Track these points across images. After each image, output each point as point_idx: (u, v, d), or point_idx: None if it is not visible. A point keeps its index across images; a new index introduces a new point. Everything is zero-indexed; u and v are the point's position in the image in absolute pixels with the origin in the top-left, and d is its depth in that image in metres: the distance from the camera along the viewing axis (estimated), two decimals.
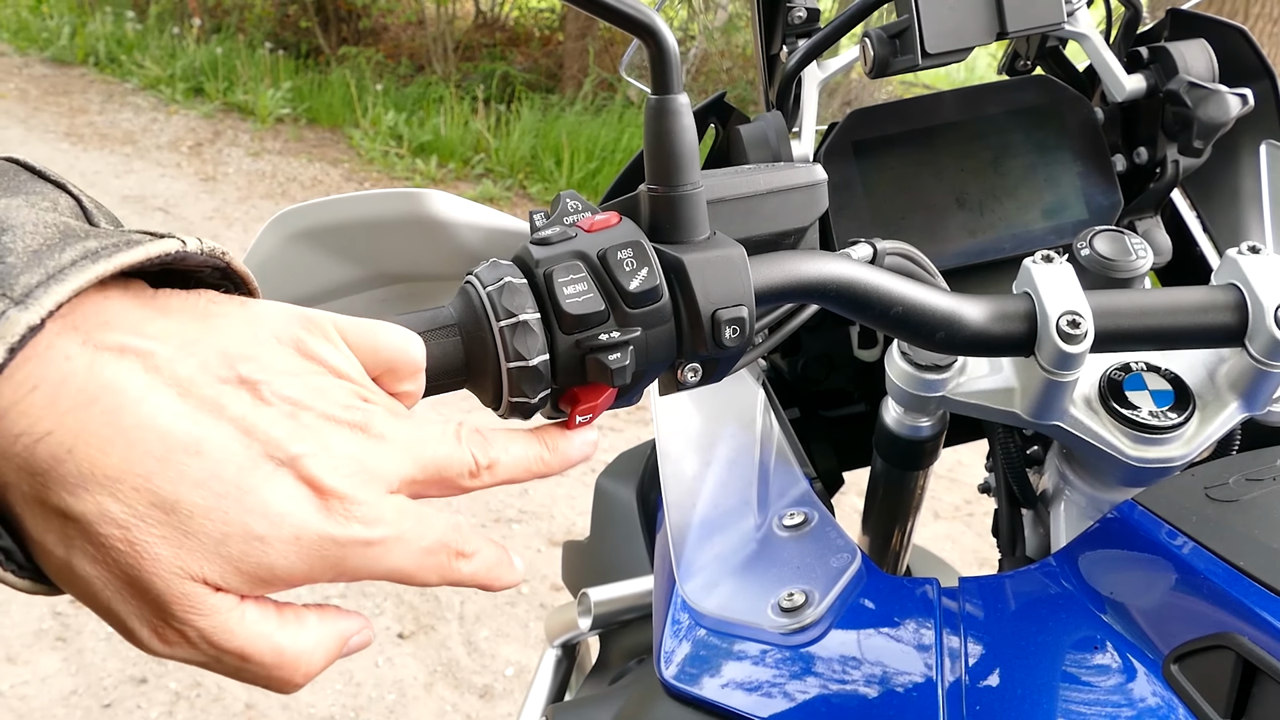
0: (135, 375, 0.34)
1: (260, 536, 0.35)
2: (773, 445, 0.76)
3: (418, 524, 0.40)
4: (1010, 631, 0.58)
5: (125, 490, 0.33)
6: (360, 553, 0.38)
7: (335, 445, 0.38)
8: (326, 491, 0.37)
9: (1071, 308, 0.59)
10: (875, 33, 0.73)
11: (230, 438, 0.35)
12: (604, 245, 0.48)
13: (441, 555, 0.42)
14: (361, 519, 0.38)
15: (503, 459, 0.45)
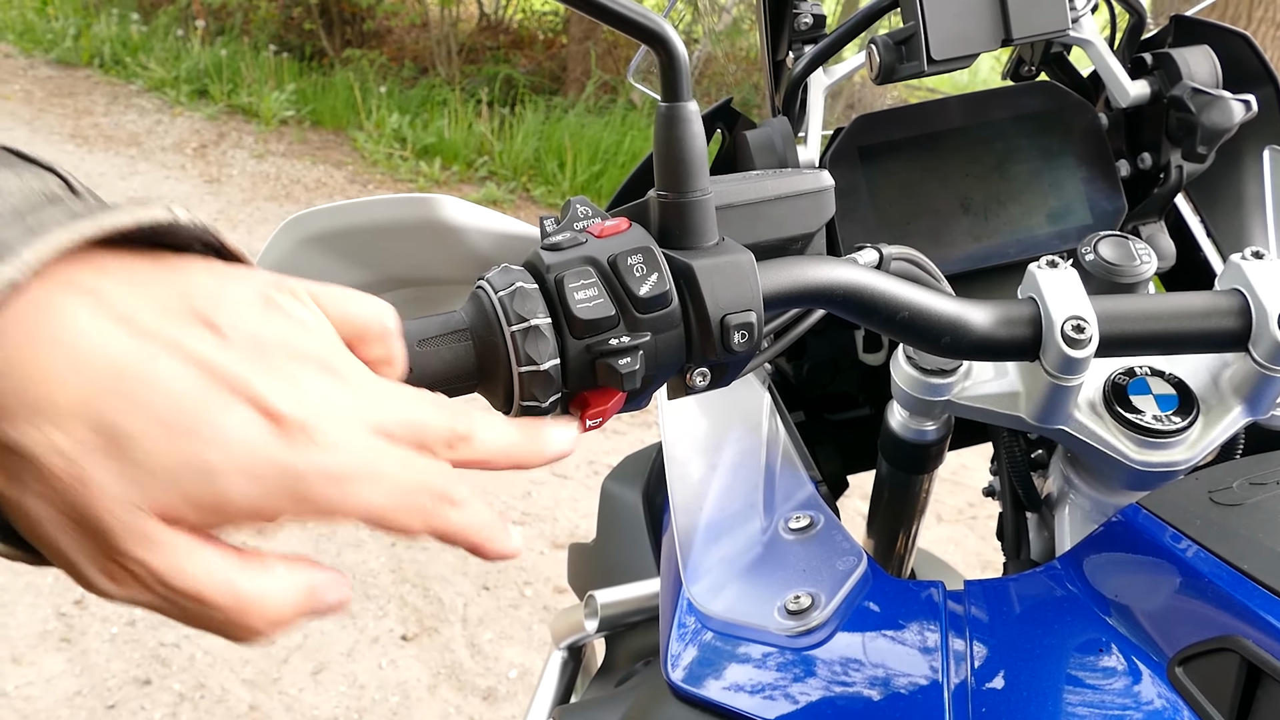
0: (85, 308, 0.33)
1: (214, 467, 0.34)
2: (778, 449, 0.77)
3: (399, 463, 0.38)
4: (1015, 634, 0.58)
5: (71, 421, 0.32)
6: (325, 485, 0.36)
7: (303, 381, 0.37)
8: (288, 421, 0.35)
9: (1076, 313, 0.59)
10: (881, 39, 0.74)
11: (185, 370, 0.34)
12: (614, 251, 0.48)
13: (425, 498, 0.39)
14: (325, 447, 0.36)
15: (481, 435, 0.42)
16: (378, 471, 0.38)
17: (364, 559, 2.53)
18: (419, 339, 0.47)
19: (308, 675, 2.19)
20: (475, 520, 0.41)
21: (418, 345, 0.47)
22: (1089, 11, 0.81)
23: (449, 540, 0.41)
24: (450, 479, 0.41)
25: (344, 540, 2.59)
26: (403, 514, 0.39)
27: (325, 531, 2.61)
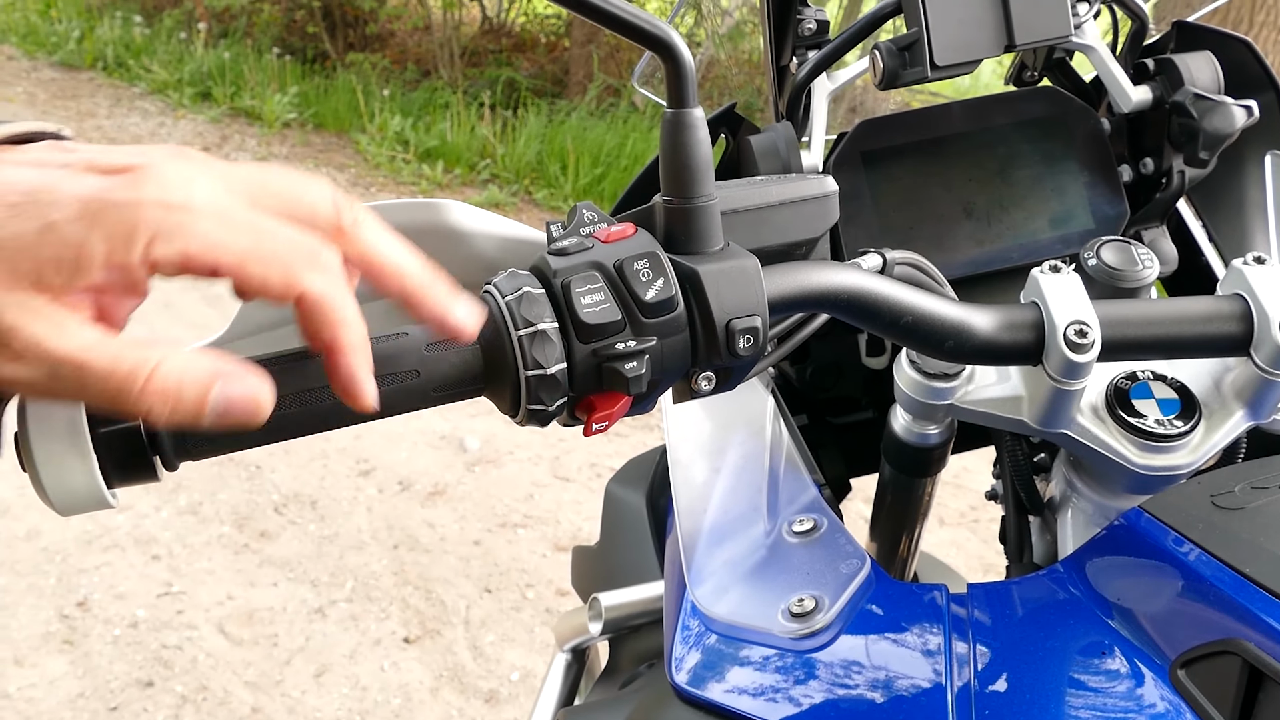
0: None
1: (50, 223, 0.36)
2: (782, 452, 0.77)
3: (260, 219, 0.39)
4: (1018, 637, 0.58)
5: None
6: (163, 216, 0.37)
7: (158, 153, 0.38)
8: (131, 167, 0.38)
9: (1079, 317, 0.59)
10: (885, 45, 0.74)
11: (30, 168, 0.37)
12: (620, 256, 0.49)
13: (289, 253, 0.39)
14: (158, 181, 0.37)
15: (370, 227, 0.42)
16: (228, 215, 0.38)
17: (366, 561, 2.53)
18: (426, 343, 0.48)
19: (310, 677, 2.19)
20: (340, 297, 0.40)
21: (425, 349, 0.48)
22: (1091, 17, 0.81)
23: (309, 319, 0.40)
24: (325, 247, 0.40)
25: (346, 543, 2.59)
26: (256, 264, 0.38)
27: (327, 535, 2.62)
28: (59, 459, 0.42)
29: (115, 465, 0.43)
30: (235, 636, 2.29)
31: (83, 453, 0.42)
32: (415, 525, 2.68)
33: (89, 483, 0.42)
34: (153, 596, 2.38)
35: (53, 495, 0.42)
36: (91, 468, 0.42)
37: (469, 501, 2.79)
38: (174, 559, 2.50)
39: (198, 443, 0.44)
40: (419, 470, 2.89)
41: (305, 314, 0.40)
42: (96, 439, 0.42)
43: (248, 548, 2.56)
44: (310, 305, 0.40)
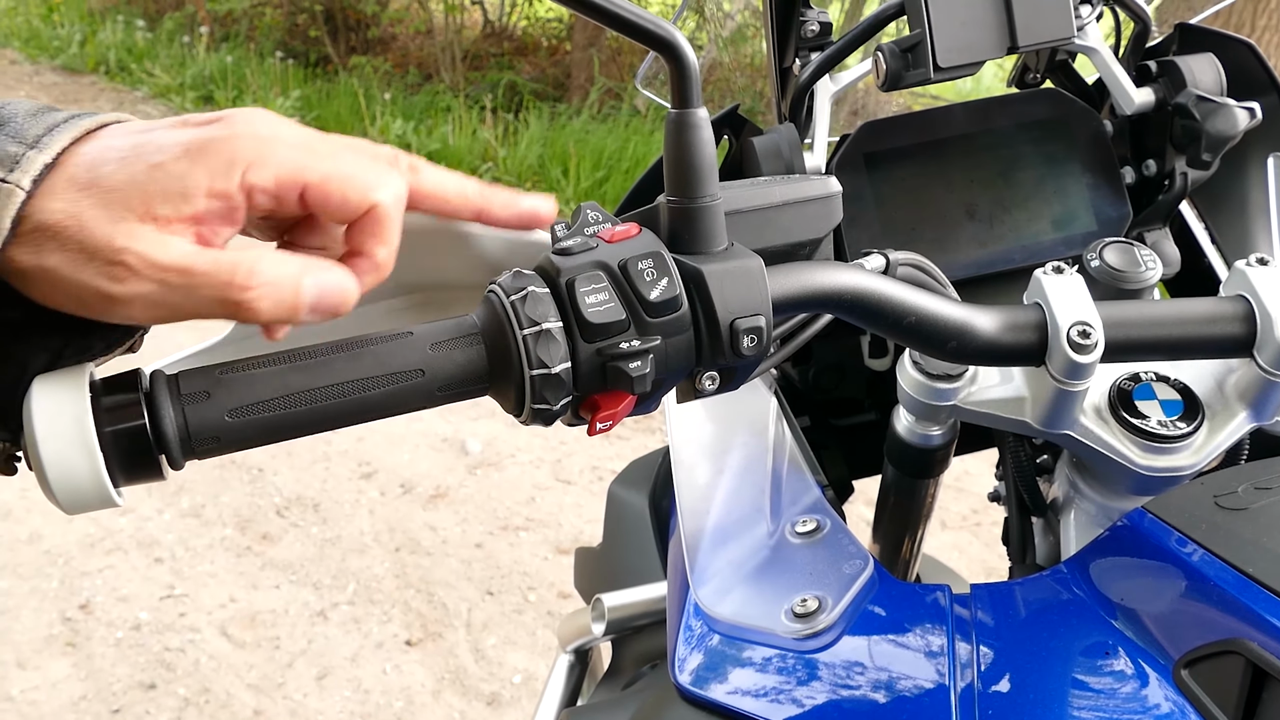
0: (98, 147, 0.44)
1: (157, 164, 0.42)
2: (785, 453, 0.77)
3: (345, 148, 0.45)
4: (1022, 638, 0.58)
5: (66, 192, 0.41)
6: (257, 146, 0.43)
7: (240, 109, 0.45)
8: (214, 119, 0.44)
9: (1082, 318, 0.59)
10: (888, 47, 0.74)
11: (128, 135, 0.43)
12: (625, 256, 0.49)
13: (367, 175, 0.45)
14: (248, 122, 0.43)
15: (426, 167, 0.49)
16: (312, 144, 0.44)
17: (368, 564, 2.53)
18: (431, 342, 0.48)
19: (312, 680, 2.19)
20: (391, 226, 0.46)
21: (430, 348, 0.48)
22: (1094, 20, 0.81)
23: (365, 229, 0.46)
24: (394, 172, 0.46)
25: (348, 546, 2.59)
26: (339, 182, 0.44)
27: (329, 538, 2.62)
28: (66, 457, 0.42)
29: (121, 464, 0.43)
30: (237, 639, 2.29)
31: (89, 451, 0.42)
32: (417, 528, 2.68)
33: (95, 481, 0.42)
34: (155, 599, 2.38)
35: (59, 494, 0.43)
36: (98, 466, 0.42)
37: (471, 504, 2.79)
38: (176, 562, 2.50)
39: (203, 441, 0.45)
40: (421, 473, 2.90)
41: (366, 223, 0.46)
42: (103, 437, 0.43)
43: (250, 550, 2.56)
44: (374, 217, 0.46)
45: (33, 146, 0.42)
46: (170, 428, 0.44)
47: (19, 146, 0.41)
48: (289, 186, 0.43)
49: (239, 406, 0.45)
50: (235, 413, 0.44)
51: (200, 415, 0.44)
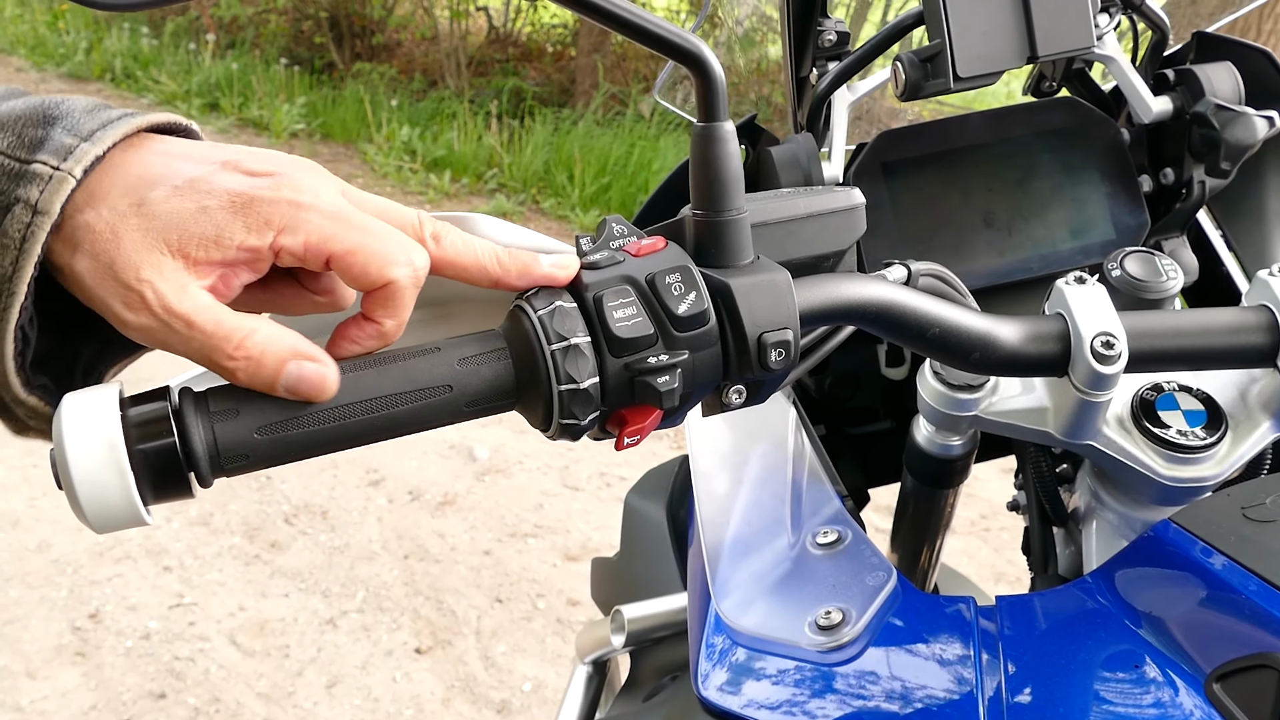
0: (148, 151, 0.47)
1: (204, 207, 0.45)
2: (804, 464, 0.77)
3: (376, 222, 0.47)
4: (1050, 650, 0.58)
5: (115, 201, 0.45)
6: (294, 213, 0.45)
7: (290, 163, 0.47)
8: (265, 173, 0.46)
9: (1106, 329, 0.59)
10: (907, 56, 0.74)
11: (192, 162, 0.46)
12: (652, 270, 0.49)
13: (387, 252, 0.47)
14: (292, 186, 0.46)
15: (448, 238, 0.50)
16: (344, 217, 0.46)
17: (377, 572, 2.53)
18: (459, 357, 0.48)
19: (322, 689, 2.19)
20: (404, 303, 0.48)
21: (457, 364, 0.48)
22: (1113, 29, 0.81)
23: (380, 302, 0.48)
24: (416, 249, 0.48)
25: (357, 554, 2.59)
26: (361, 257, 0.46)
27: (338, 546, 2.62)
28: (96, 476, 0.42)
29: (151, 482, 0.43)
30: (247, 648, 2.29)
31: (120, 470, 0.42)
32: (425, 535, 2.68)
33: (126, 500, 0.42)
34: (164, 608, 2.38)
35: (89, 513, 0.42)
36: (128, 485, 0.42)
37: (479, 511, 2.79)
38: (185, 570, 2.50)
39: (233, 459, 0.44)
40: (429, 480, 2.90)
41: (380, 296, 0.48)
42: (133, 456, 0.43)
43: (259, 559, 2.56)
44: (388, 292, 0.47)
45: (86, 139, 0.44)
46: (200, 446, 0.43)
47: (73, 139, 0.44)
48: (316, 254, 0.46)
49: (268, 424, 0.44)
50: (264, 430, 0.44)
51: (229, 433, 0.44)
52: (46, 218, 0.43)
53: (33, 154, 0.44)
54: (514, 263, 0.50)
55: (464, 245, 0.50)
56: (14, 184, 0.43)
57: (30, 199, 0.43)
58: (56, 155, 0.44)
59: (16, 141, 0.44)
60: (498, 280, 0.50)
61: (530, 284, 0.50)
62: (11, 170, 0.44)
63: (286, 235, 0.45)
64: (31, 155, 0.44)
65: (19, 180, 0.43)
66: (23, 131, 0.45)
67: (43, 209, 0.43)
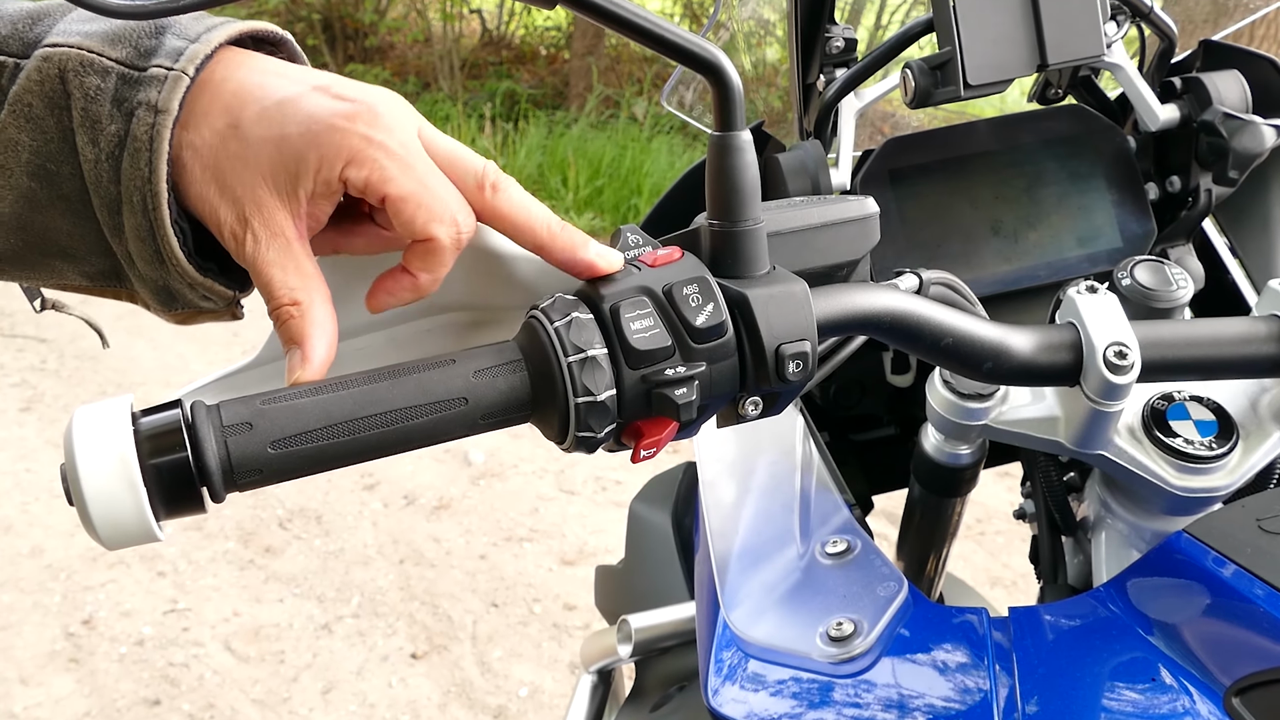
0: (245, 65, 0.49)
1: (284, 135, 0.47)
2: (813, 472, 0.77)
3: (436, 175, 0.48)
4: (1064, 661, 0.58)
5: (214, 119, 0.47)
6: (362, 148, 0.47)
7: (379, 95, 0.49)
8: (350, 98, 0.48)
9: (1118, 338, 0.59)
10: (917, 64, 0.74)
11: (284, 79, 0.48)
12: (669, 280, 0.48)
13: (437, 208, 0.48)
14: (369, 119, 0.47)
15: (506, 193, 0.50)
16: (409, 161, 0.48)
17: (372, 576, 2.52)
18: (474, 369, 0.47)
19: (318, 694, 2.18)
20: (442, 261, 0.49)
21: (473, 375, 0.47)
22: (1121, 38, 0.81)
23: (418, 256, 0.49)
24: (465, 211, 0.49)
25: (352, 559, 2.58)
26: (412, 206, 0.48)
27: (333, 550, 2.61)
28: (108, 492, 0.41)
29: (163, 497, 0.43)
30: (242, 653, 2.27)
31: (132, 485, 0.41)
32: (421, 540, 2.67)
33: (138, 516, 0.42)
34: (159, 614, 2.37)
35: (100, 529, 0.42)
36: (141, 500, 0.42)
37: (474, 515, 2.78)
38: (180, 576, 2.49)
39: (246, 473, 0.44)
40: (424, 484, 2.89)
41: (420, 248, 0.49)
42: (145, 471, 0.42)
43: (253, 564, 2.55)
44: (428, 247, 0.49)
45: (195, 41, 0.47)
46: (213, 460, 0.43)
47: (183, 42, 0.47)
48: (375, 190, 0.48)
49: (282, 438, 0.44)
50: (278, 444, 0.44)
51: (243, 447, 0.43)
52: (168, 115, 0.45)
53: (148, 61, 0.46)
54: (565, 237, 0.50)
55: (520, 202, 0.51)
56: (135, 90, 0.46)
57: (151, 100, 0.46)
58: (169, 58, 0.46)
59: (134, 52, 0.47)
60: (542, 246, 0.51)
61: (572, 263, 0.50)
62: (132, 78, 0.46)
63: (352, 168, 0.47)
64: (147, 62, 0.46)
65: (139, 86, 0.46)
66: (138, 42, 0.47)
67: (163, 107, 0.46)
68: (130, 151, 0.46)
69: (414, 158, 0.48)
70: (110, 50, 0.47)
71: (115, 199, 0.47)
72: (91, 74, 0.46)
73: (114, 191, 0.47)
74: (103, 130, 0.46)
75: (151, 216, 0.46)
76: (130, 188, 0.46)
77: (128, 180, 0.46)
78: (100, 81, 0.46)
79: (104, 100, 0.46)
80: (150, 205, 0.46)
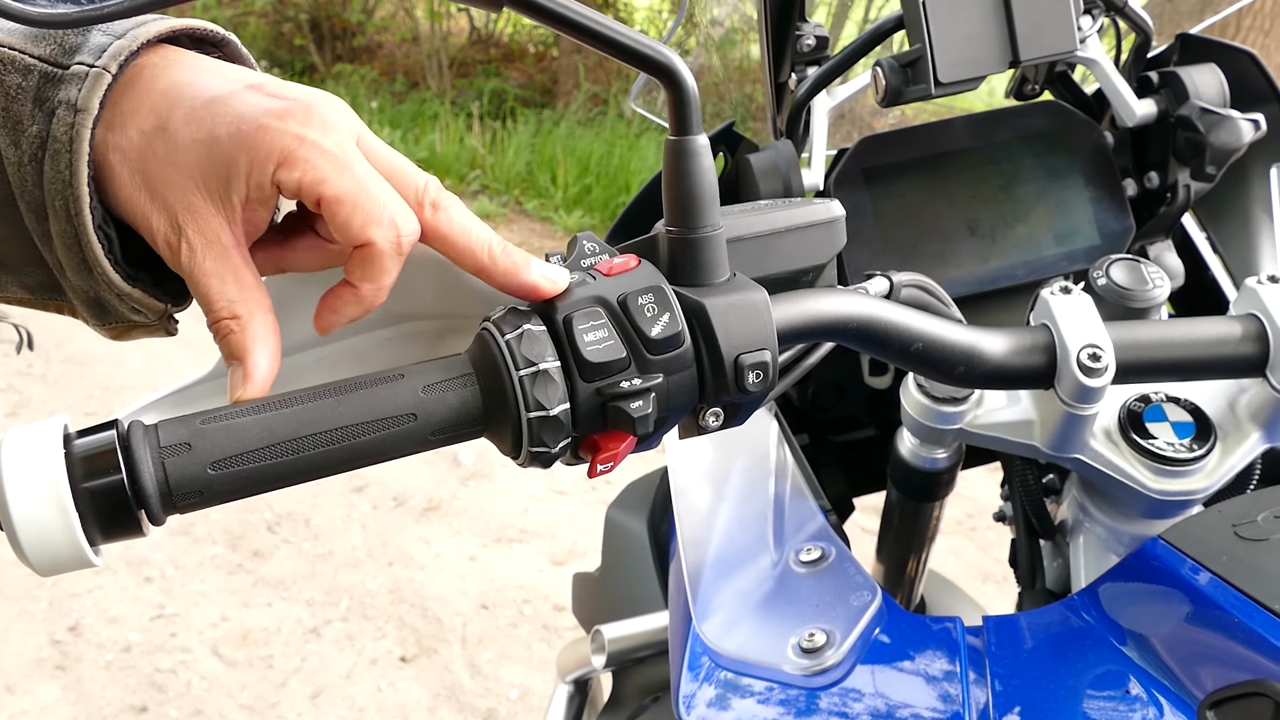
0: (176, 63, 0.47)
1: (215, 137, 0.45)
2: (787, 478, 0.75)
3: (375, 177, 0.46)
4: (1038, 673, 0.57)
5: (141, 120, 0.45)
6: (295, 148, 0.44)
7: (317, 96, 0.47)
8: (284, 97, 0.46)
9: (1092, 340, 0.58)
10: (887, 62, 0.72)
11: (218, 77, 0.46)
12: (624, 290, 0.47)
13: (374, 211, 0.45)
14: (303, 119, 0.45)
15: (446, 211, 0.48)
16: (346, 160, 0.45)
17: (361, 579, 2.51)
18: (423, 384, 0.46)
19: (306, 699, 2.17)
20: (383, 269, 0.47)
21: (422, 391, 0.46)
22: (1096, 32, 0.80)
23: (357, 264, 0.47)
24: (406, 216, 0.47)
25: (341, 562, 2.57)
26: (349, 208, 0.45)
27: (321, 554, 2.59)
28: (38, 518, 0.40)
29: (99, 522, 0.41)
30: (230, 658, 2.26)
31: (63, 511, 0.40)
32: (410, 542, 2.65)
33: (70, 541, 0.40)
34: (145, 620, 2.35)
35: (32, 556, 0.40)
36: (72, 525, 0.40)
37: (464, 517, 2.76)
38: (166, 581, 2.47)
39: (185, 495, 0.42)
40: (413, 486, 2.87)
41: (359, 256, 0.47)
42: (78, 495, 0.40)
43: (241, 568, 2.53)
44: (366, 253, 0.46)
45: (120, 37, 0.45)
46: (150, 483, 0.41)
47: (108, 38, 0.45)
48: (309, 193, 0.45)
49: (223, 458, 0.43)
50: (219, 465, 0.42)
51: (181, 468, 0.42)
52: (87, 114, 0.43)
53: (71, 58, 0.44)
54: (506, 259, 0.48)
55: (460, 222, 0.49)
56: (56, 89, 0.44)
57: (71, 99, 0.44)
58: (93, 55, 0.44)
59: (57, 50, 0.45)
60: (482, 269, 0.48)
61: (515, 286, 0.48)
62: (53, 76, 0.44)
63: (284, 169, 0.45)
64: (70, 60, 0.44)
65: (60, 84, 0.44)
66: (63, 39, 0.45)
67: (83, 106, 0.43)
68: (51, 153, 0.44)
69: (350, 158, 0.46)
70: (33, 48, 0.45)
71: (40, 203, 0.45)
72: (12, 72, 0.44)
73: (38, 195, 0.45)
74: (24, 131, 0.44)
75: (75, 222, 0.44)
76: (52, 191, 0.44)
77: (50, 184, 0.44)
78: (21, 80, 0.44)
79: (25, 99, 0.44)
80: (73, 209, 0.44)
